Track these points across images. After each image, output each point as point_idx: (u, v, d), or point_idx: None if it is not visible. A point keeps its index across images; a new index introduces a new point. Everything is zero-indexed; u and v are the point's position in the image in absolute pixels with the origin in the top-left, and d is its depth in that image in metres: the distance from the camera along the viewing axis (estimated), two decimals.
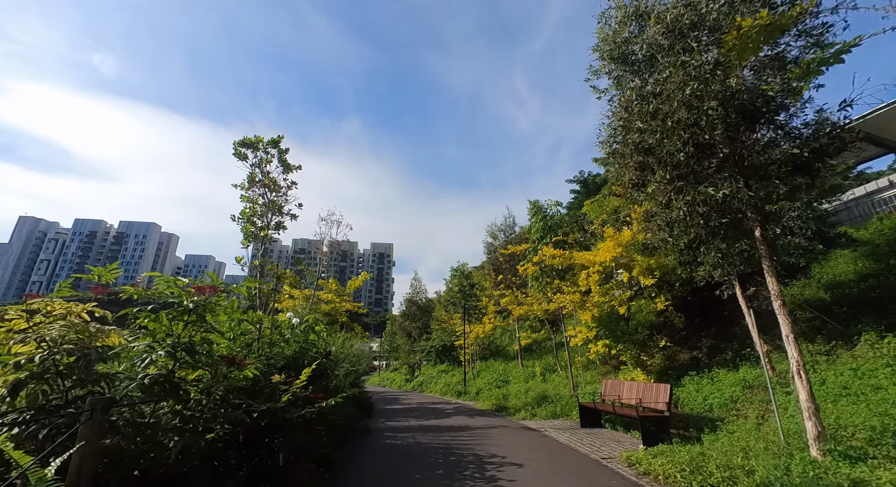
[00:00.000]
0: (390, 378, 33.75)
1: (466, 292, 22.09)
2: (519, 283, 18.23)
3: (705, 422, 7.60)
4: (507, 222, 21.90)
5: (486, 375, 20.77)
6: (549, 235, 14.23)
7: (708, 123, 5.19)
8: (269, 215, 5.97)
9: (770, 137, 5.56)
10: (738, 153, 5.76)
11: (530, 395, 13.99)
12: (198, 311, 3.02)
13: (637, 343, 11.67)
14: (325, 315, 14.20)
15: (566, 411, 11.40)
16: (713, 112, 4.97)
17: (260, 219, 5.82)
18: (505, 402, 14.34)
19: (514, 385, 16.85)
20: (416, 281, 33.18)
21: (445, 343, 26.81)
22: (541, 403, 12.63)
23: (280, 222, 6.15)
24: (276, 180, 6.14)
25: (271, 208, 6.08)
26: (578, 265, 12.62)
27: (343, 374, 9.45)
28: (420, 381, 26.65)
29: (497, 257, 19.30)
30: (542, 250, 12.95)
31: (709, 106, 4.87)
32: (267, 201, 6.02)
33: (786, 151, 5.32)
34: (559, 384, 14.92)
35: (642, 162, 6.49)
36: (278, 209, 6.10)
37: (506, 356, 24.25)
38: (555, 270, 13.95)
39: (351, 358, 9.69)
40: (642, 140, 6.16)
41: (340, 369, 9.20)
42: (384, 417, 12.19)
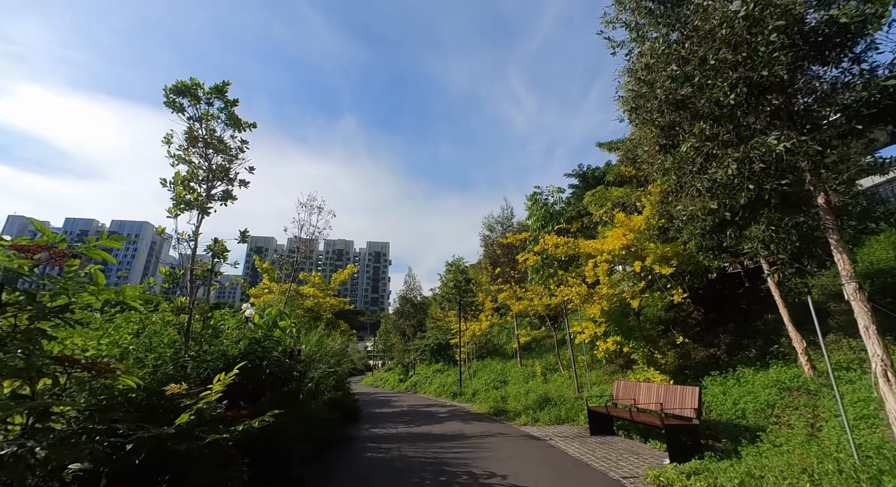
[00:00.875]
0: (384, 379, 32.56)
1: (462, 288, 20.93)
2: (518, 277, 17.09)
3: (740, 432, 6.48)
4: (504, 214, 20.76)
5: (482, 375, 19.64)
6: (551, 223, 13.10)
7: (765, 56, 4.05)
8: (210, 180, 4.75)
9: (837, 77, 4.43)
10: (793, 101, 4.61)
11: (531, 397, 12.86)
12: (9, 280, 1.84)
13: (649, 340, 10.58)
14: (308, 312, 13.01)
15: (572, 415, 10.28)
16: (776, 39, 3.84)
17: (200, 184, 4.63)
18: (503, 405, 13.19)
19: (513, 386, 15.73)
20: (409, 278, 32.02)
21: (441, 342, 25.66)
22: (543, 406, 11.50)
23: (228, 191, 4.96)
24: (222, 139, 4.94)
25: (216, 174, 4.87)
26: (584, 255, 11.49)
27: (320, 376, 8.27)
28: (414, 381, 25.50)
29: (494, 250, 18.16)
30: (544, 239, 11.81)
31: (774, 26, 3.74)
32: (210, 163, 4.80)
33: (860, 92, 4.18)
34: (562, 384, 13.81)
35: (671, 121, 5.34)
36: (224, 174, 4.89)
37: (503, 354, 23.14)
38: (557, 260, 12.81)
39: (329, 358, 8.49)
40: (671, 92, 5.00)
41: (316, 370, 8.01)
42: (371, 423, 11.01)
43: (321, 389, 8.61)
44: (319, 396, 8.37)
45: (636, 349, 9.71)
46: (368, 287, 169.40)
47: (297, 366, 6.71)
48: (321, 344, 8.22)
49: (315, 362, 8.13)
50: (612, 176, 15.18)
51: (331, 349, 8.81)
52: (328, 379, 9.84)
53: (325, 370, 8.14)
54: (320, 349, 8.25)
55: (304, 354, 7.56)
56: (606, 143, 15.47)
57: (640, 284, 9.51)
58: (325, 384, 9.54)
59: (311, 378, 8.00)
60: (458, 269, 21.56)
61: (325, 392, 9.53)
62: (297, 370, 6.79)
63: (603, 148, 15.87)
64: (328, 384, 10.26)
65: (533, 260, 11.78)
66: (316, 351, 7.94)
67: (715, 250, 8.55)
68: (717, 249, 8.50)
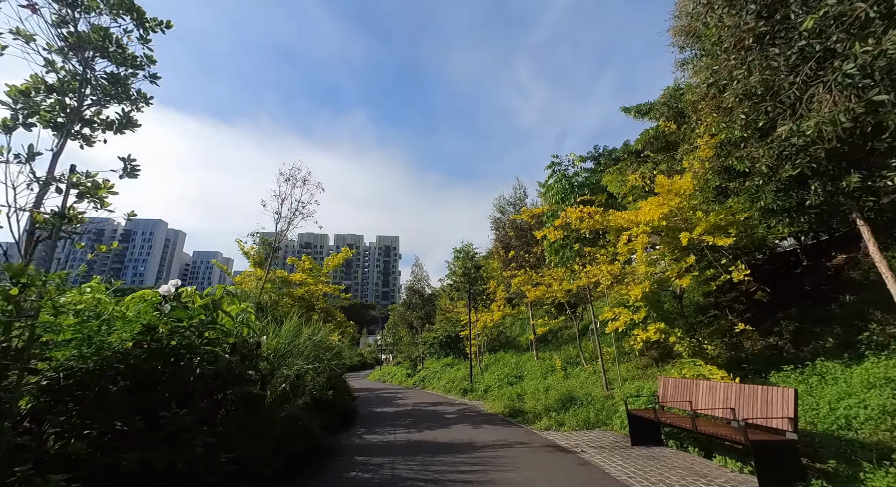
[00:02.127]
0: (392, 373, 31.27)
1: (472, 276, 19.29)
2: (533, 261, 15.37)
3: (851, 449, 4.74)
4: (516, 195, 18.99)
5: (495, 369, 18.05)
6: (572, 196, 11.33)
7: None
8: (84, 92, 3.18)
9: None
10: None
11: (552, 395, 11.21)
12: None
13: (693, 327, 8.82)
14: (298, 300, 11.57)
15: (603, 418, 8.62)
16: None
17: (74, 97, 3.08)
18: (520, 404, 11.59)
19: (530, 382, 14.10)
20: (416, 268, 30.47)
21: (450, 334, 24.14)
22: (567, 406, 9.85)
23: (128, 116, 3.40)
24: (119, 41, 3.38)
25: (105, 89, 3.31)
26: (613, 230, 9.73)
27: (299, 374, 6.75)
28: (422, 376, 24.07)
29: (507, 233, 16.44)
30: (566, 212, 10.07)
31: None
32: (91, 71, 3.23)
33: None
34: (586, 380, 12.12)
35: None
36: (123, 88, 3.33)
37: (517, 347, 21.50)
38: (581, 238, 11.07)
39: (308, 353, 6.97)
40: None
41: (291, 368, 6.49)
42: (366, 427, 9.53)
43: (301, 389, 7.11)
44: (297, 398, 6.87)
45: (683, 338, 7.96)
46: (379, 282, 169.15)
47: (255, 363, 5.18)
48: (298, 335, 6.69)
49: (290, 357, 6.61)
50: (640, 144, 13.27)
51: (312, 342, 7.28)
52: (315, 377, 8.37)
53: (303, 366, 6.61)
54: (296, 342, 6.72)
55: (270, 347, 6.03)
56: (635, 106, 13.53)
57: (688, 259, 7.72)
58: (310, 382, 8.07)
59: (283, 377, 6.50)
60: (467, 256, 19.91)
61: (310, 393, 8.06)
62: (256, 368, 5.26)
63: (630, 113, 13.92)
64: (316, 383, 8.81)
65: (554, 235, 10.04)
66: (289, 344, 6.41)
67: (791, 213, 6.72)
68: (793, 211, 6.67)
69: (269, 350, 5.93)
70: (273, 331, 6.30)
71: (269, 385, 6.05)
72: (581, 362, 13.98)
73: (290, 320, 6.76)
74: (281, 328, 6.75)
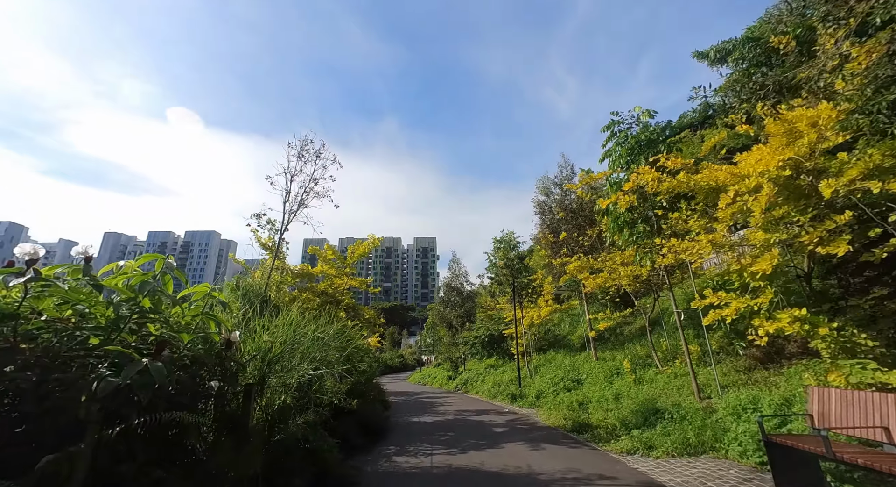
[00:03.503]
0: (432, 375, 29.77)
1: (515, 267, 17.25)
2: (588, 245, 13.12)
3: None
4: (563, 175, 16.69)
5: (546, 372, 15.89)
6: (642, 157, 9.05)
7: None
8: None
9: None
10: None
11: (626, 405, 9.01)
12: None
13: (836, 313, 6.36)
14: (321, 295, 10.23)
15: (708, 439, 6.37)
16: None
17: None
18: (584, 415, 9.48)
19: (592, 387, 11.88)
20: (454, 264, 28.71)
21: (492, 333, 22.17)
22: (651, 420, 7.65)
23: None
24: None
25: None
26: (703, 192, 7.43)
27: (301, 383, 5.22)
28: (464, 379, 22.29)
29: (555, 215, 14.28)
30: (638, 173, 7.89)
31: None
32: None
33: None
34: (666, 386, 9.74)
35: None
36: None
37: (568, 346, 19.13)
38: (656, 207, 8.80)
39: (317, 355, 5.40)
40: None
41: (292, 374, 4.95)
42: (398, 443, 7.89)
43: (307, 401, 5.57)
44: (302, 413, 5.33)
45: (831, 330, 5.54)
46: (418, 283, 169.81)
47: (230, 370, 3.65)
48: (296, 333, 5.13)
49: (291, 361, 5.07)
50: (723, 89, 10.64)
51: (323, 341, 5.72)
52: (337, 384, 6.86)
53: (306, 373, 5.05)
54: (299, 341, 5.18)
55: (256, 349, 4.51)
56: (712, 48, 10.93)
57: (838, 217, 5.33)
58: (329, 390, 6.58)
59: (283, 387, 4.97)
60: (508, 245, 17.89)
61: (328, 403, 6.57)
62: (228, 376, 3.71)
63: (704, 58, 11.35)
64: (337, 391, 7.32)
65: (625, 202, 7.86)
66: (286, 344, 4.87)
67: None
68: None
69: (255, 352, 4.41)
70: (262, 328, 4.78)
71: (256, 400, 4.52)
72: (654, 363, 11.56)
73: (286, 312, 5.23)
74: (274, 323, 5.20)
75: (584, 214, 13.89)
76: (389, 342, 64.84)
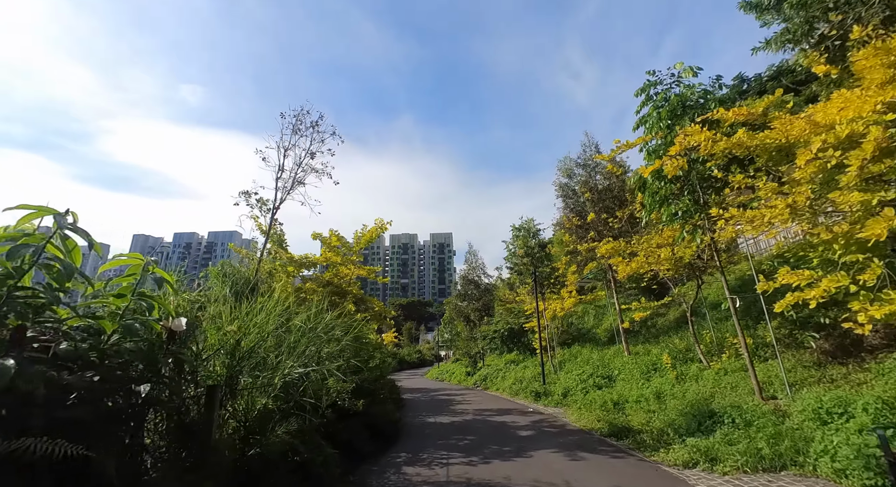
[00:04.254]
0: (450, 371, 28.89)
1: (536, 256, 16.07)
2: (618, 228, 11.85)
3: None
4: (587, 154, 15.36)
5: (572, 367, 14.72)
6: (686, 119, 7.76)
7: None
8: None
9: None
10: None
11: (672, 406, 7.83)
12: None
13: None
14: (326, 286, 9.39)
15: (787, 450, 5.18)
16: None
17: None
18: (622, 417, 8.36)
19: (627, 385, 10.69)
20: (471, 256, 27.62)
21: (512, 327, 21.08)
22: (707, 425, 6.46)
23: None
24: None
25: None
26: (768, 152, 6.15)
27: (285, 382, 4.30)
28: (483, 375, 21.30)
29: (579, 197, 13.04)
30: (684, 135, 6.65)
31: None
32: None
33: None
34: (718, 383, 8.47)
35: None
36: None
37: (594, 340, 17.87)
38: (704, 177, 7.53)
39: (304, 350, 4.47)
40: None
41: (268, 374, 4.05)
42: (410, 449, 6.97)
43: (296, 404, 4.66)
44: (288, 418, 4.43)
45: None
46: (435, 279, 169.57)
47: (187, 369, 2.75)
48: (279, 320, 4.21)
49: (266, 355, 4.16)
50: (778, 41, 9.17)
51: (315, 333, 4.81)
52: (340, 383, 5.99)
53: (293, 370, 4.13)
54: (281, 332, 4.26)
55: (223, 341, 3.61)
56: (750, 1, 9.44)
57: None
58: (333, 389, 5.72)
59: (264, 387, 4.08)
60: (528, 232, 16.71)
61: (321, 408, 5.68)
62: (159, 377, 2.79)
63: (750, 10, 9.87)
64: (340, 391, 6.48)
65: (672, 167, 6.63)
66: (265, 334, 3.95)
67: None
68: None
69: (219, 346, 3.51)
70: (232, 315, 3.87)
71: (226, 405, 3.63)
72: (697, 357, 10.27)
73: (268, 295, 4.31)
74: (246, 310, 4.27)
75: (613, 194, 12.60)
76: (407, 338, 64.51)
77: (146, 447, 3.00)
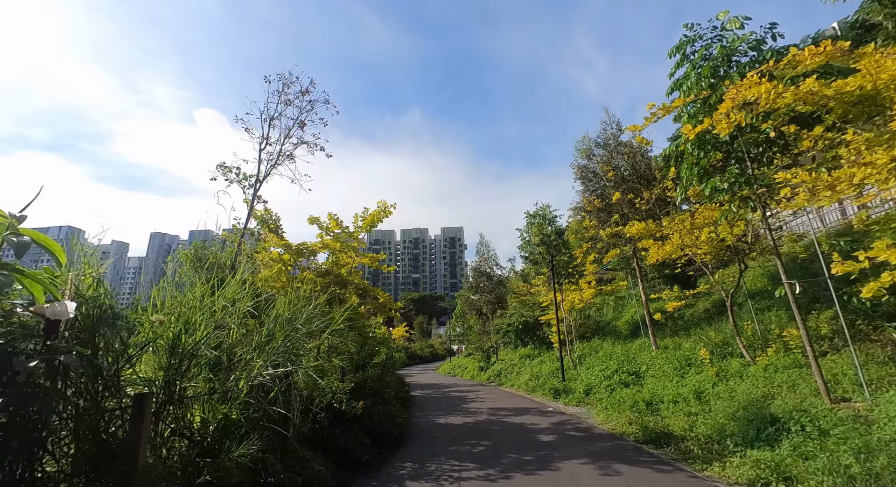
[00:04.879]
0: (462, 366, 28.07)
1: (552, 244, 15.00)
2: (646, 210, 10.72)
3: None
4: (607, 132, 14.15)
5: (593, 362, 13.70)
6: (735, 76, 6.60)
7: None
8: None
9: None
10: None
11: (719, 408, 6.80)
12: None
13: None
14: (324, 275, 8.54)
15: (883, 468, 4.12)
16: None
17: None
18: (659, 421, 7.35)
19: (658, 382, 9.64)
20: (482, 247, 26.58)
21: (527, 320, 20.09)
22: (769, 433, 5.43)
23: None
24: None
25: None
26: (846, 103, 5.00)
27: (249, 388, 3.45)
28: (497, 370, 20.40)
29: (601, 178, 11.93)
30: (737, 89, 5.53)
31: None
32: None
33: None
34: (769, 381, 7.36)
35: None
36: None
37: (615, 333, 16.76)
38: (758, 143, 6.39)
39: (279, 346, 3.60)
40: None
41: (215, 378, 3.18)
42: (415, 458, 6.10)
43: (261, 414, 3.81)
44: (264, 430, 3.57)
45: None
46: (446, 273, 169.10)
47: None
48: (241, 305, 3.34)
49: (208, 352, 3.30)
50: None
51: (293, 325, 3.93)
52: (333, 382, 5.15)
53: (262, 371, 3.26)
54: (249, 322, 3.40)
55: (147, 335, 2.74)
56: None
57: None
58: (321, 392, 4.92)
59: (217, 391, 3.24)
60: (544, 219, 15.62)
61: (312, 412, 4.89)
62: (13, 386, 1.88)
63: None
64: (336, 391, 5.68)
65: (726, 125, 5.52)
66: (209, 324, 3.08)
67: None
68: None
69: (146, 341, 2.65)
70: (172, 302, 3.01)
71: (162, 417, 2.78)
72: (738, 352, 9.16)
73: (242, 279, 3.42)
74: (195, 293, 3.39)
75: (639, 173, 11.44)
76: (419, 333, 64.04)
77: (42, 480, 2.17)
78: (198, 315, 2.89)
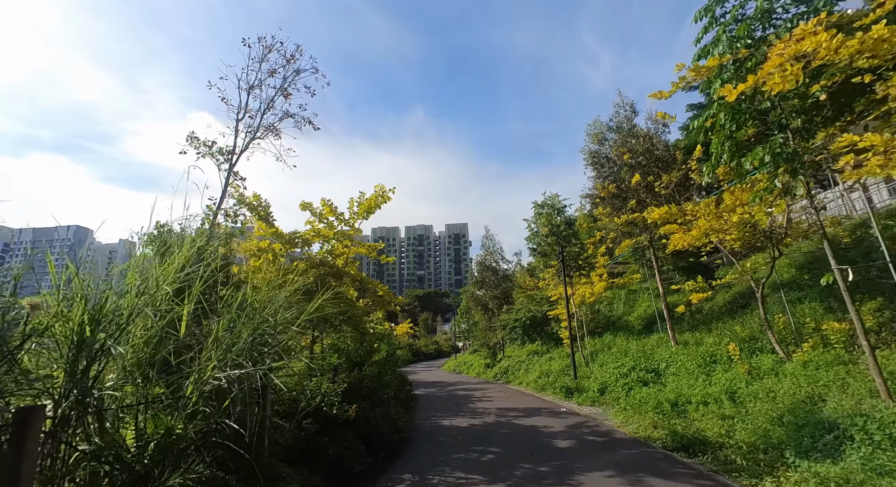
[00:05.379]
0: (468, 363, 27.38)
1: (562, 234, 14.20)
2: (666, 194, 9.90)
3: None
4: (621, 115, 13.31)
5: (606, 359, 12.93)
6: (775, 33, 5.77)
7: None
8: None
9: None
10: None
11: (758, 410, 6.03)
12: None
13: None
14: (318, 267, 7.86)
15: None
16: None
17: None
18: (688, 423, 6.59)
19: (681, 381, 8.86)
20: (488, 240, 25.77)
21: (535, 315, 19.31)
22: (827, 441, 4.67)
23: None
24: None
25: None
26: None
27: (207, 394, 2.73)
28: (504, 367, 19.68)
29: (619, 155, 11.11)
30: (795, 36, 4.71)
31: None
32: None
33: None
34: (812, 379, 6.55)
35: None
36: None
37: (627, 328, 15.95)
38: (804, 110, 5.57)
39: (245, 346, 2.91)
40: None
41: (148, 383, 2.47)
42: (414, 470, 5.39)
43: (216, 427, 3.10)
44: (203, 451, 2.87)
45: None
46: (451, 270, 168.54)
47: None
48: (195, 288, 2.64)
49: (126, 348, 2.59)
50: None
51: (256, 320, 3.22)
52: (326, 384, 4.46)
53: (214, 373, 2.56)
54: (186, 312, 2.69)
55: None
56: None
57: None
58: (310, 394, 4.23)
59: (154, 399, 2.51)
60: (553, 209, 14.81)
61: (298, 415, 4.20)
62: None
63: None
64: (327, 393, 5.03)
65: (780, 81, 4.70)
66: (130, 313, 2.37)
67: None
68: None
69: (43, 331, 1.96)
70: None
71: (66, 436, 2.08)
72: (771, 347, 8.36)
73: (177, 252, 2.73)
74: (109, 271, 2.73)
75: (657, 155, 10.60)
76: (424, 329, 63.48)
77: None
78: (119, 300, 2.19)
